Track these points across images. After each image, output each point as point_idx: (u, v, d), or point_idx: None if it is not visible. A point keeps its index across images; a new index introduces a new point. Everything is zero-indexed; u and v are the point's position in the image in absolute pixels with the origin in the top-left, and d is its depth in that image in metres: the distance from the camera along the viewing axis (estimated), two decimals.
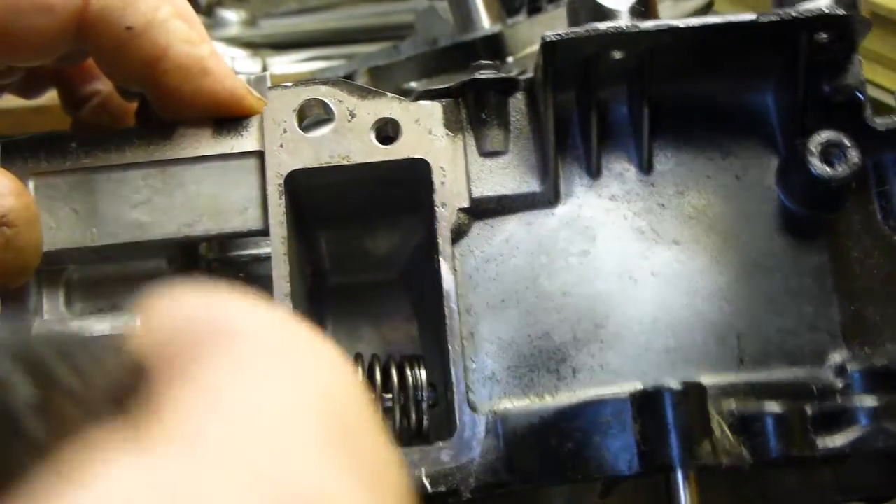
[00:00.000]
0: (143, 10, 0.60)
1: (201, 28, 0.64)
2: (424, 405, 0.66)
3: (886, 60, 0.96)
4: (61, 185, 0.65)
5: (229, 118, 0.66)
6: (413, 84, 1.04)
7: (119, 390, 0.30)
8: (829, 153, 0.62)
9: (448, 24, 1.16)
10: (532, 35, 1.04)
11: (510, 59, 1.06)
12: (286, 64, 1.08)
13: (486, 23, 1.11)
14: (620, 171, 0.68)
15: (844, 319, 0.65)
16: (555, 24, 0.66)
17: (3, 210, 0.58)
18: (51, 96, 1.04)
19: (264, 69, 1.07)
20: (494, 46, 1.05)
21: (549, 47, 0.61)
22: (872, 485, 0.70)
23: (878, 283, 0.65)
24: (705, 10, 1.08)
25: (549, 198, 0.67)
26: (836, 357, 0.64)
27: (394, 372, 0.67)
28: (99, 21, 0.59)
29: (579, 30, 0.61)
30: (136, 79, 0.63)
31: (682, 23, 0.61)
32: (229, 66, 0.66)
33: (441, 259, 0.64)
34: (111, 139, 0.66)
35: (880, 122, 0.66)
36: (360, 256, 0.76)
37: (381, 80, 1.04)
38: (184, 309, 0.34)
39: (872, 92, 0.96)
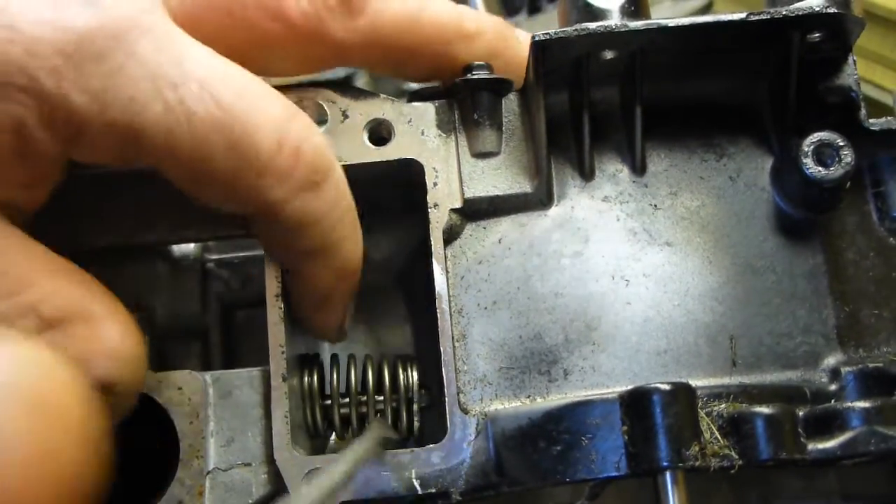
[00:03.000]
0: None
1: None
2: (416, 406, 0.66)
3: (886, 60, 0.95)
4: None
5: None
6: (413, 85, 1.03)
7: None
8: (823, 153, 0.62)
9: None
10: None
11: None
12: None
13: None
14: (613, 172, 0.67)
15: (839, 321, 0.64)
16: (555, 24, 0.66)
17: (114, 379, 0.54)
18: None
19: None
20: None
21: (539, 47, 0.61)
22: (876, 492, 0.70)
23: (873, 284, 0.65)
24: (705, 10, 1.07)
25: (541, 199, 0.67)
26: (831, 360, 0.63)
27: (386, 373, 0.67)
28: None
29: (569, 29, 0.61)
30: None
31: (671, 22, 0.61)
32: None
33: (433, 260, 0.64)
34: None
35: (875, 123, 0.65)
36: None
37: (382, 81, 1.04)
38: None
39: (872, 92, 0.96)
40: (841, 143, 0.62)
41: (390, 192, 0.70)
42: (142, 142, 0.53)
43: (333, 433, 0.68)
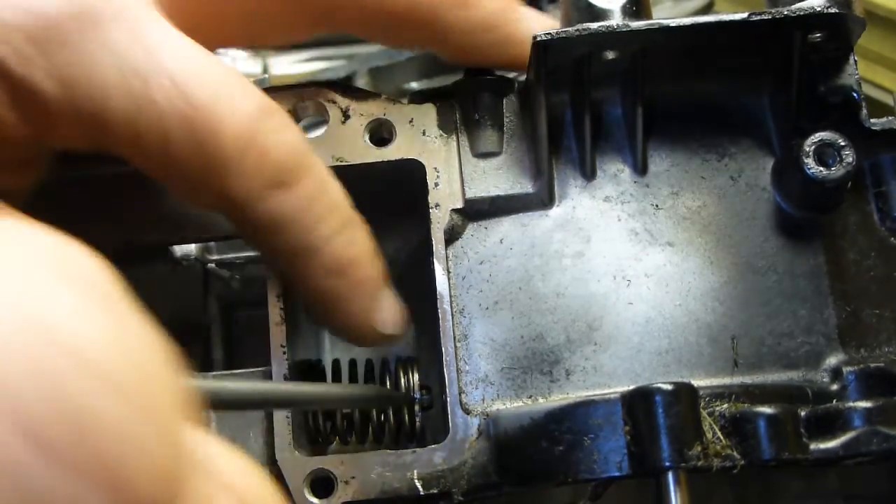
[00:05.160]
0: None
1: None
2: (417, 407, 0.66)
3: (886, 60, 0.95)
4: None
5: None
6: (414, 84, 1.03)
7: None
8: (824, 153, 0.62)
9: None
10: None
11: None
12: (287, 64, 1.09)
13: None
14: (615, 172, 0.67)
15: (840, 321, 0.64)
16: (555, 25, 0.66)
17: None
18: None
19: (265, 69, 1.07)
20: None
21: (540, 47, 0.61)
22: (877, 492, 0.70)
23: (874, 284, 0.65)
24: (706, 10, 1.07)
25: (542, 199, 0.67)
26: (832, 360, 0.63)
27: (387, 376, 0.67)
28: None
29: (570, 29, 0.60)
30: None
31: (673, 22, 0.61)
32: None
33: (434, 260, 0.64)
34: None
35: (876, 123, 0.65)
36: None
37: (382, 80, 1.04)
38: None
39: (872, 92, 0.96)
40: (842, 143, 0.62)
41: (391, 193, 0.70)
42: (108, 130, 0.53)
43: (336, 436, 0.68)
